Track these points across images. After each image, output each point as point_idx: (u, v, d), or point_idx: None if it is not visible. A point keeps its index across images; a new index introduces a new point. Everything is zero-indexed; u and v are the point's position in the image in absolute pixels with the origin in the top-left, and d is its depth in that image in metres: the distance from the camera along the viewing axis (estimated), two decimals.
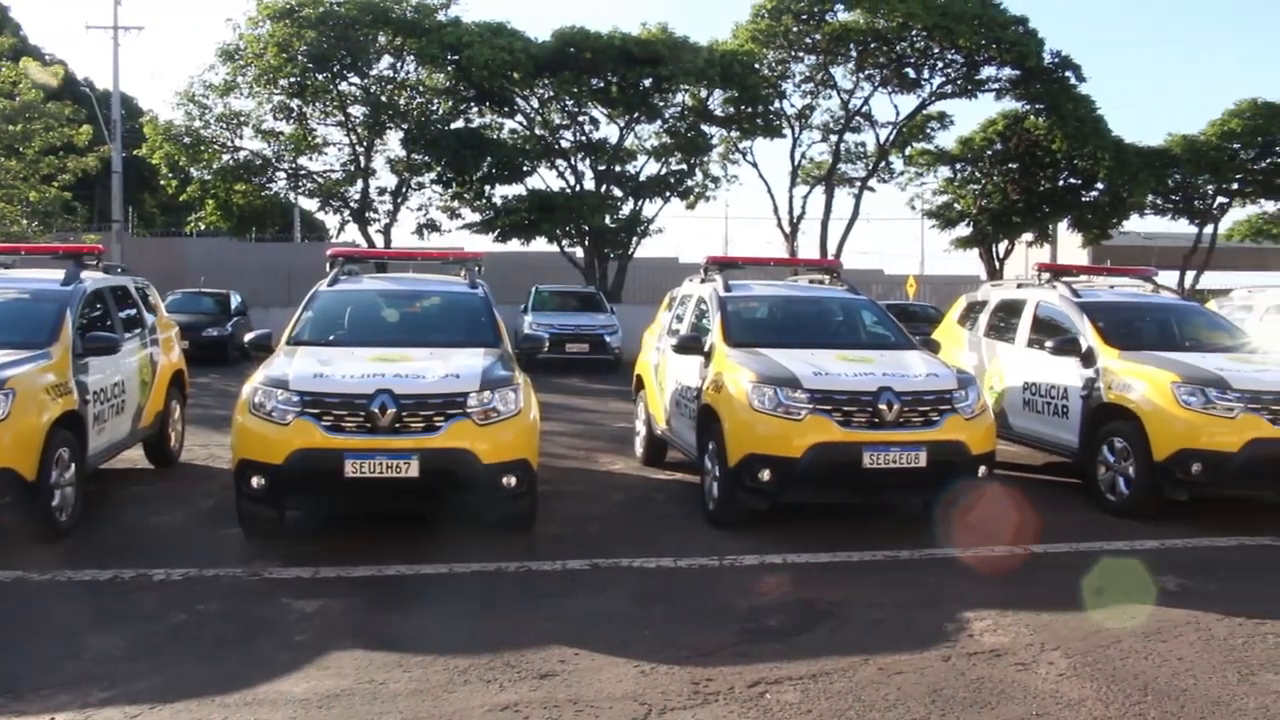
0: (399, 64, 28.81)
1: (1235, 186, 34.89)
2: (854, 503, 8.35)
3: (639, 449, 10.92)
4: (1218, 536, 7.99)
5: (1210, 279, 36.56)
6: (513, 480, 6.99)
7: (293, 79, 27.26)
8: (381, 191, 30.21)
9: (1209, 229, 36.20)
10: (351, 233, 32.13)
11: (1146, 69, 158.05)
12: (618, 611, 5.96)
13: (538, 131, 29.66)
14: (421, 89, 29.06)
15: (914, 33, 28.44)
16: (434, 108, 29.28)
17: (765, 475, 7.37)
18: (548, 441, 11.12)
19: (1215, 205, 35.79)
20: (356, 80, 28.61)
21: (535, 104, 29.23)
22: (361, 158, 29.32)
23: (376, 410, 6.74)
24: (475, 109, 29.50)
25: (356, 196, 29.60)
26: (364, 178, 29.40)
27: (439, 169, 29.00)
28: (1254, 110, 32.50)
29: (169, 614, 5.76)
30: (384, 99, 28.61)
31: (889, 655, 5.28)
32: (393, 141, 29.89)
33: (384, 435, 6.74)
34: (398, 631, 5.54)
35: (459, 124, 29.39)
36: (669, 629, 5.65)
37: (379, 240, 29.63)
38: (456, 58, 26.24)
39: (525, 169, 29.55)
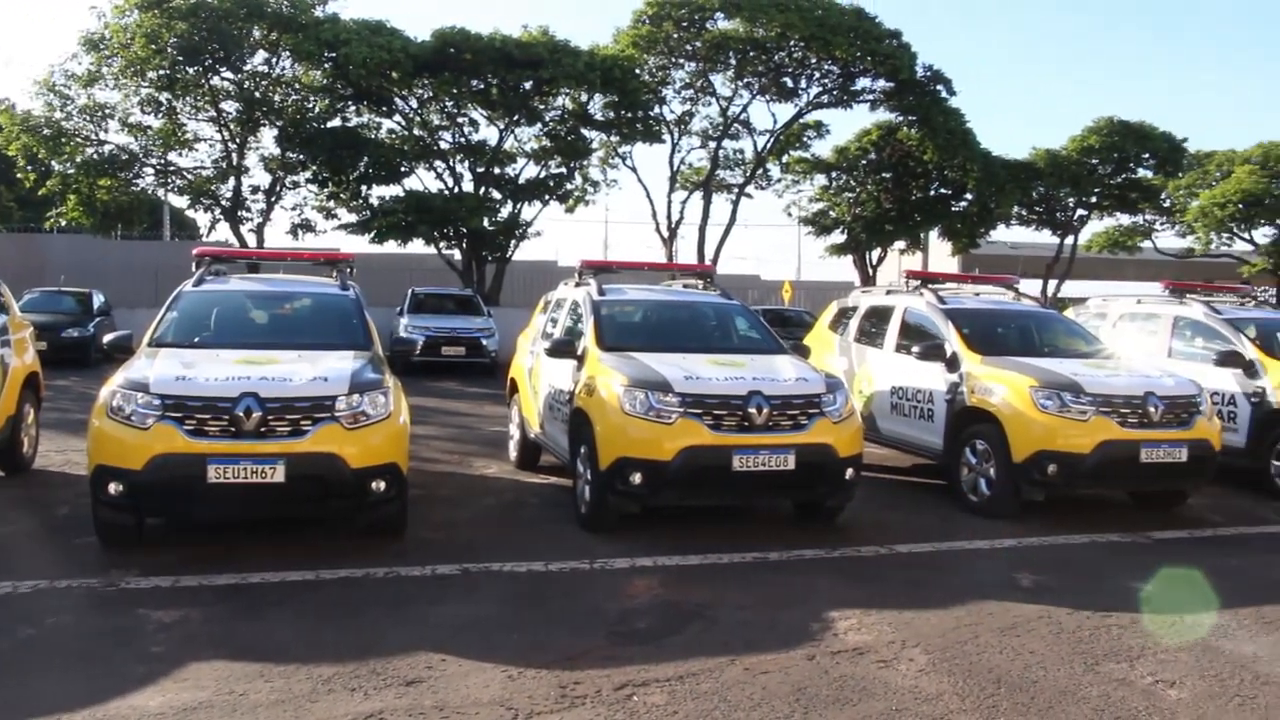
0: (274, 59, 28.08)
1: (1094, 200, 36.39)
2: (725, 505, 8.46)
3: (513, 453, 10.87)
4: (1071, 534, 8.33)
5: (1071, 287, 37.96)
6: (382, 485, 6.90)
7: (162, 71, 26.30)
8: (255, 190, 29.42)
9: (1070, 240, 37.67)
10: (223, 231, 31.23)
11: (1014, 84, 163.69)
12: (487, 616, 5.93)
13: (416, 132, 29.26)
14: (297, 86, 28.37)
15: (792, 43, 28.83)
16: (310, 105, 28.62)
17: (636, 478, 7.40)
18: (421, 445, 11.04)
19: (1075, 217, 37.26)
20: (229, 75, 27.77)
21: (414, 104, 28.83)
22: (234, 155, 28.50)
23: (241, 414, 6.57)
24: (353, 108, 28.92)
25: (228, 194, 28.77)
26: (236, 175, 28.59)
27: (314, 168, 28.36)
28: (1110, 128, 33.95)
29: (16, 629, 5.51)
30: (258, 95, 27.86)
31: (755, 655, 5.36)
32: (267, 139, 29.16)
33: (249, 440, 6.58)
34: (260, 641, 5.41)
35: (335, 123, 28.79)
36: (538, 633, 5.64)
37: (251, 240, 28.86)
38: (334, 55, 25.67)
39: (403, 170, 29.09)
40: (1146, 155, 34.93)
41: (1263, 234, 35.98)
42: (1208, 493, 9.85)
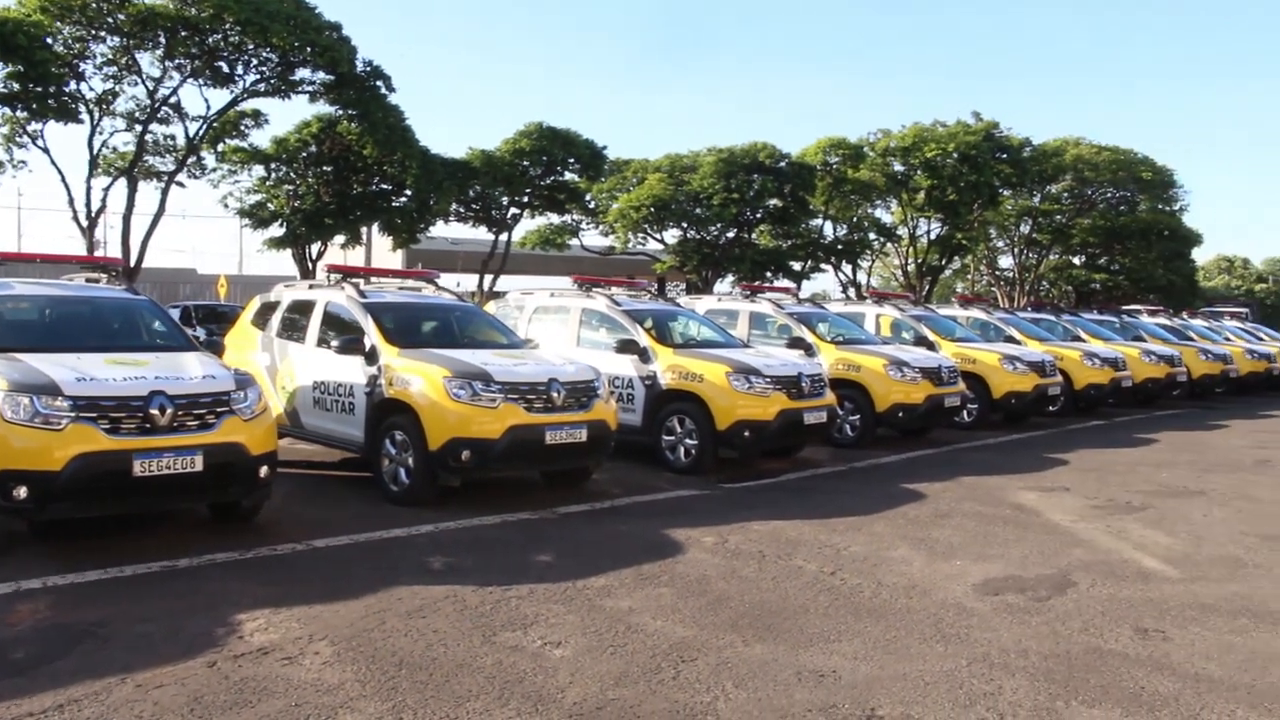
0: None
1: (526, 199, 38.69)
2: (130, 513, 7.96)
3: None
4: (485, 516, 8.82)
5: (507, 282, 40.00)
6: None
7: None
8: None
9: (505, 236, 39.71)
10: None
11: (451, 86, 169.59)
12: None
13: None
14: None
15: (227, 26, 27.58)
16: None
17: (21, 493, 6.71)
18: None
19: (509, 215, 39.37)
20: None
21: None
22: None
23: None
24: None
25: None
26: None
27: None
28: (540, 133, 36.34)
29: None
30: None
31: (150, 670, 5.12)
32: None
33: None
34: None
35: None
36: None
37: None
38: None
39: None
40: (572, 160, 37.73)
41: (671, 235, 40.20)
42: (610, 468, 10.89)
